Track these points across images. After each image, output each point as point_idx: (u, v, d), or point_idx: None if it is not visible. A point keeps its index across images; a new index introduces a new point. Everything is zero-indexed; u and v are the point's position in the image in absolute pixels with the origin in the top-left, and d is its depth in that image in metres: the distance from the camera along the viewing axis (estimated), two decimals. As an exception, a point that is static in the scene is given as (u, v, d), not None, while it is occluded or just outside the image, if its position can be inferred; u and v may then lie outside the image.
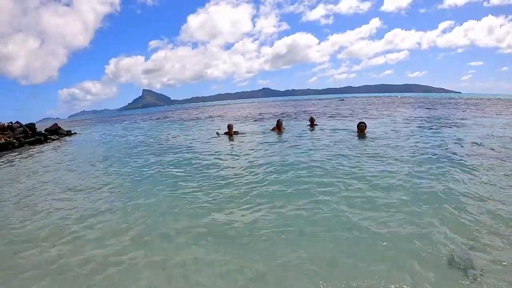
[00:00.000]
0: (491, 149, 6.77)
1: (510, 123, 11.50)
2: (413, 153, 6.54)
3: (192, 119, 23.10)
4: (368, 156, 6.34)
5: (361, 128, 9.26)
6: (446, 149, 6.86)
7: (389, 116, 15.88)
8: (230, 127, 10.55)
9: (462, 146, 7.16)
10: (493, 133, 8.95)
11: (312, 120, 13.16)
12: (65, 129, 18.49)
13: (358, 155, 6.49)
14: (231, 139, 10.14)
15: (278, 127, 11.00)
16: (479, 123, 11.59)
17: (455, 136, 8.63)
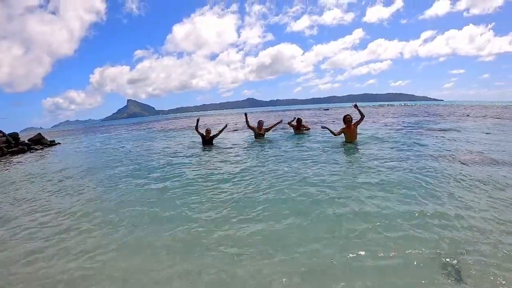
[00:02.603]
0: (472, 153, 7.07)
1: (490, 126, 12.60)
2: (399, 159, 6.72)
3: (176, 129, 23.21)
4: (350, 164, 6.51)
5: (347, 120, 8.77)
6: (432, 154, 7.12)
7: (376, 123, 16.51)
8: (208, 131, 10.61)
9: (446, 151, 7.42)
10: (472, 138, 9.48)
11: (299, 121, 12.09)
12: (49, 139, 18.51)
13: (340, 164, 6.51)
14: (208, 146, 10.30)
15: (259, 128, 11.14)
16: (461, 128, 12.32)
17: (437, 141, 9.08)
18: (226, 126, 11.31)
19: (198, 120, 11.11)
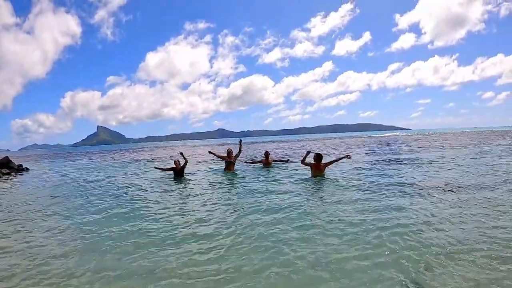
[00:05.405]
0: (438, 177, 8.03)
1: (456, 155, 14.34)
2: (366, 188, 7.27)
3: (148, 160, 23.49)
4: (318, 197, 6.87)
5: (317, 158, 8.84)
6: (398, 182, 7.78)
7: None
8: (176, 162, 10.69)
9: (412, 177, 8.26)
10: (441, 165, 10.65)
11: (267, 155, 12.26)
12: (16, 162, 17.89)
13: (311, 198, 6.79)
14: (179, 177, 10.42)
15: (229, 156, 11.13)
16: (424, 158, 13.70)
17: (406, 170, 10.08)
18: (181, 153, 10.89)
19: (157, 168, 11.91)
